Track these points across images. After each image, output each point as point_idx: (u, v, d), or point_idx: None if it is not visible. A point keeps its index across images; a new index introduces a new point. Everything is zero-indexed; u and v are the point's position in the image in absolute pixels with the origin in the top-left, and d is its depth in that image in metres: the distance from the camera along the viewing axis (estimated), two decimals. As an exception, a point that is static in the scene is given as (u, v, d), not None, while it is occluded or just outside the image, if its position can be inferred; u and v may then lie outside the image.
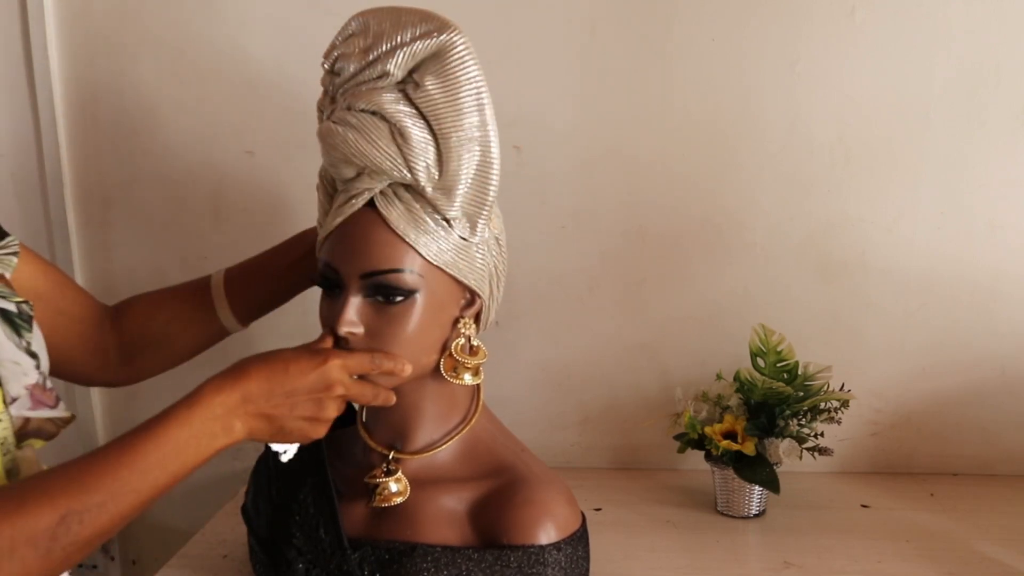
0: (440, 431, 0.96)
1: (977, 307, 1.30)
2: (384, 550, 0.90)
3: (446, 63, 0.83)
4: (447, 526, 0.91)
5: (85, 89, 1.38)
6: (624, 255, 1.33)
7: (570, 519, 0.90)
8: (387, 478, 0.93)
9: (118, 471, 0.68)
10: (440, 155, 0.85)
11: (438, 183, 0.86)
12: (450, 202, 0.86)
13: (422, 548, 0.89)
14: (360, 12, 0.87)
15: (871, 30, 1.24)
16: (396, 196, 0.87)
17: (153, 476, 0.70)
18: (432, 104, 0.83)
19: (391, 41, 0.84)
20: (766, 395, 1.19)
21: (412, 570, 0.88)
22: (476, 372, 0.93)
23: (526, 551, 0.87)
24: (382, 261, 0.86)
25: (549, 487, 0.91)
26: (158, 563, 1.12)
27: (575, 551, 0.90)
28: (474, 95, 0.84)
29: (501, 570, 0.87)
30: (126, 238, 1.41)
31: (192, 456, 0.74)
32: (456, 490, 0.93)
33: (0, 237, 0.87)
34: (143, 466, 0.70)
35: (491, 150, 0.86)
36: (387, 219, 0.86)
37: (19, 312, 0.78)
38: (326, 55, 0.89)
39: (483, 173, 0.87)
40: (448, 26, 0.82)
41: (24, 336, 0.77)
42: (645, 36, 1.27)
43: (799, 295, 1.32)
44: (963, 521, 1.18)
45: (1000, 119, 1.25)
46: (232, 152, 1.36)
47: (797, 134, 1.28)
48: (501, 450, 0.96)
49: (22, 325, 0.77)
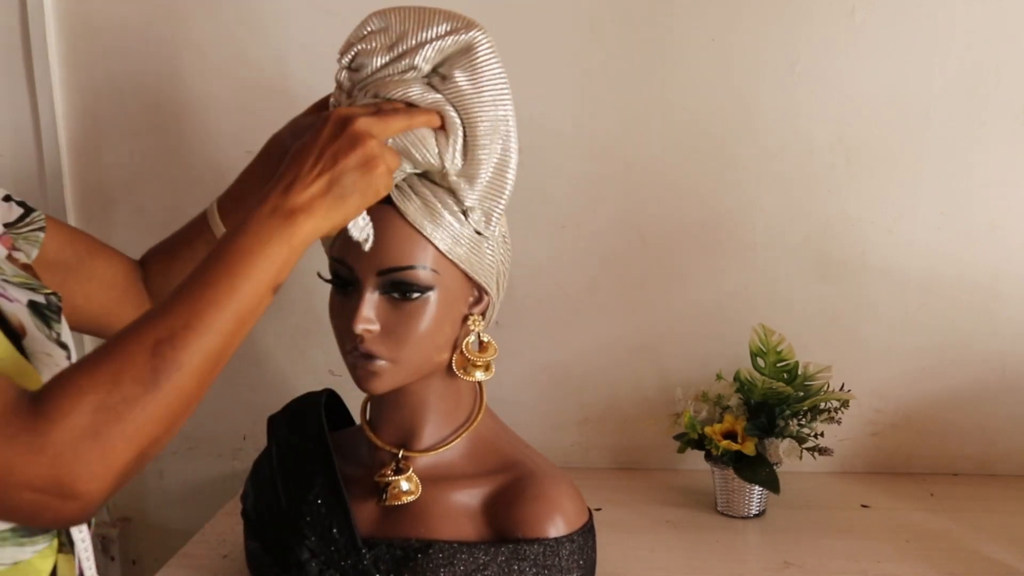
0: (448, 428, 0.96)
1: (977, 307, 1.30)
2: (399, 548, 0.90)
3: (474, 58, 0.86)
4: (460, 522, 0.92)
5: (85, 89, 1.38)
6: (624, 255, 1.33)
7: (580, 512, 0.93)
8: (398, 477, 0.93)
9: (191, 291, 0.68)
10: (466, 142, 0.87)
11: (462, 170, 0.87)
12: (471, 190, 0.88)
13: (438, 544, 0.90)
14: (377, 11, 0.89)
15: (871, 30, 1.24)
16: (412, 190, 0.87)
17: (225, 288, 0.69)
18: (460, 94, 0.86)
19: (416, 37, 0.86)
20: (766, 395, 1.19)
21: (429, 567, 0.88)
22: (487, 368, 0.94)
23: (541, 544, 0.89)
24: (400, 257, 0.86)
25: (558, 481, 0.93)
26: (158, 563, 1.12)
27: (585, 542, 0.92)
28: (500, 89, 0.87)
29: (517, 563, 0.89)
30: (126, 238, 1.41)
31: (261, 264, 0.71)
32: (467, 486, 0.94)
33: (26, 213, 0.87)
34: (213, 281, 0.69)
35: (512, 144, 0.89)
36: (404, 213, 0.86)
37: (48, 303, 0.77)
38: (343, 52, 0.90)
39: (503, 165, 0.89)
40: (474, 24, 0.86)
41: (54, 327, 0.76)
42: (645, 36, 1.27)
43: (799, 295, 1.32)
44: (963, 521, 1.18)
45: (1000, 119, 1.25)
46: (232, 152, 1.36)
47: (797, 134, 1.28)
48: (506, 446, 0.98)
49: (51, 316, 0.76)
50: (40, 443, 0.59)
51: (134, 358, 0.64)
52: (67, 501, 0.61)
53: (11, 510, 0.61)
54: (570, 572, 0.90)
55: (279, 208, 0.72)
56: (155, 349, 0.64)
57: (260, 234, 0.71)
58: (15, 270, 0.78)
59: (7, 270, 0.77)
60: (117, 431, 0.62)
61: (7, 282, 0.75)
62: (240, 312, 0.69)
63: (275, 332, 1.40)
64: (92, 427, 0.61)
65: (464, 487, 0.94)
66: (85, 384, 0.62)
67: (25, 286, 0.76)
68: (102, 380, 0.62)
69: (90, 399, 0.61)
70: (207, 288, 0.68)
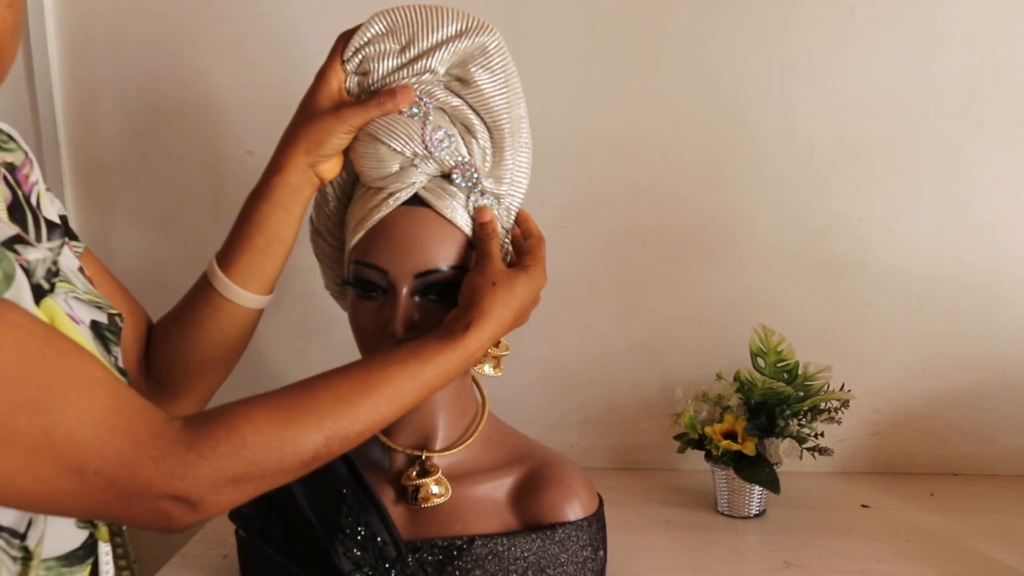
0: (462, 426, 0.98)
1: (977, 307, 1.30)
2: (440, 548, 0.92)
3: (490, 59, 0.87)
4: (489, 515, 0.94)
5: (85, 89, 1.38)
6: (624, 255, 1.33)
7: (592, 493, 0.98)
8: (425, 479, 0.93)
9: (377, 402, 0.72)
10: (494, 144, 0.89)
11: (491, 172, 0.89)
12: (499, 188, 0.89)
13: (480, 539, 0.92)
14: (380, 12, 0.87)
15: (871, 30, 1.24)
16: (441, 188, 0.87)
17: (405, 405, 0.75)
18: (483, 96, 0.87)
19: (429, 39, 0.86)
20: (766, 395, 1.19)
21: (475, 562, 0.91)
22: (497, 364, 0.94)
23: (573, 525, 0.94)
24: (440, 258, 0.86)
25: (572, 466, 0.98)
26: (158, 563, 1.12)
27: (600, 522, 0.98)
28: (516, 87, 0.89)
29: (552, 547, 0.92)
30: (127, 238, 1.41)
31: (442, 384, 0.79)
32: (489, 479, 0.96)
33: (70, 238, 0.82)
34: (399, 397, 0.74)
35: (527, 141, 0.91)
36: (441, 211, 0.86)
37: (110, 324, 0.75)
38: (348, 57, 0.88)
39: (521, 163, 0.91)
40: (485, 23, 0.87)
41: (112, 351, 0.74)
42: (645, 36, 1.27)
43: (799, 295, 1.32)
44: (963, 521, 1.18)
45: (1000, 119, 1.25)
46: (232, 152, 1.36)
47: (797, 134, 1.28)
48: (514, 438, 1.01)
49: (111, 339, 0.74)
50: (184, 472, 0.61)
51: (307, 438, 0.67)
52: (185, 515, 0.63)
53: (134, 517, 0.63)
54: (598, 548, 0.96)
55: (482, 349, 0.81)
56: (327, 442, 0.68)
57: (453, 368, 0.79)
58: (87, 286, 0.76)
59: (79, 285, 0.74)
60: (257, 485, 0.65)
61: (78, 299, 0.73)
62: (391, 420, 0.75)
63: (275, 333, 1.40)
64: (238, 477, 0.64)
65: (487, 481, 0.96)
66: (252, 439, 0.64)
67: (92, 303, 0.74)
68: (267, 442, 0.65)
69: (248, 455, 0.64)
70: (392, 403, 0.73)
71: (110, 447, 0.59)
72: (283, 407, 0.67)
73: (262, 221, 0.88)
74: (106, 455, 0.59)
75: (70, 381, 0.59)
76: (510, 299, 0.83)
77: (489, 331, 0.81)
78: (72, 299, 0.71)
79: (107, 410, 0.59)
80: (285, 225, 0.89)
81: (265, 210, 0.89)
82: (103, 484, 0.59)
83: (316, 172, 0.89)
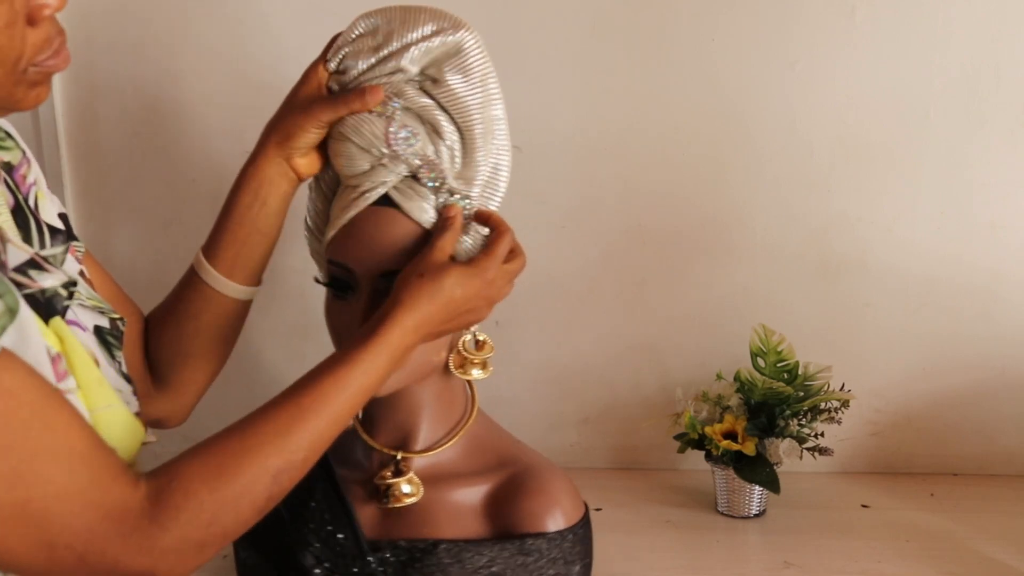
0: (444, 428, 0.96)
1: (977, 307, 1.30)
2: (404, 549, 0.91)
3: (465, 59, 0.86)
4: (462, 520, 0.92)
5: (85, 89, 1.38)
6: (624, 255, 1.33)
7: (577, 504, 0.94)
8: (398, 479, 0.92)
9: (316, 425, 0.71)
10: (464, 145, 0.87)
11: (460, 173, 0.87)
12: (469, 191, 0.88)
13: (445, 544, 0.90)
14: (366, 13, 0.88)
15: (871, 30, 1.24)
16: (411, 189, 0.87)
17: (343, 417, 0.74)
18: (455, 97, 0.86)
19: (403, 38, 0.85)
20: (766, 395, 1.19)
21: (436, 566, 0.89)
22: (484, 367, 0.93)
23: (545, 538, 0.90)
24: (405, 259, 0.85)
25: (556, 476, 0.94)
26: (158, 563, 1.11)
27: (586, 534, 0.94)
28: (492, 89, 0.87)
29: (522, 558, 0.89)
30: (126, 239, 1.41)
31: (375, 385, 0.77)
32: (466, 484, 0.94)
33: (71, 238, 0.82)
34: (334, 412, 0.73)
35: (505, 144, 0.89)
36: (408, 211, 0.85)
37: (111, 328, 0.75)
38: (331, 56, 0.89)
39: (498, 166, 0.89)
40: (462, 24, 0.85)
41: (116, 355, 0.74)
42: (645, 36, 1.27)
43: (799, 295, 1.32)
44: (963, 521, 1.18)
45: (1000, 119, 1.25)
46: (232, 152, 1.36)
47: (797, 134, 1.28)
48: (500, 443, 0.98)
49: (114, 344, 0.74)
50: (149, 546, 0.62)
51: (256, 484, 0.67)
52: None
53: None
54: (574, 564, 0.92)
55: (410, 341, 0.78)
56: (276, 478, 0.68)
57: (380, 366, 0.76)
58: (89, 291, 0.76)
59: (83, 292, 0.74)
60: (219, 544, 0.66)
61: (82, 306, 0.72)
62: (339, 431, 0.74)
63: (270, 332, 1.40)
64: (201, 541, 0.65)
65: (463, 485, 0.93)
66: (207, 500, 0.65)
67: (95, 308, 0.74)
68: (223, 500, 0.65)
69: (206, 518, 0.64)
70: (330, 422, 0.72)
71: (82, 522, 0.60)
72: (228, 454, 0.67)
73: (242, 212, 0.89)
74: (78, 530, 0.60)
75: (53, 456, 0.59)
76: (434, 291, 0.80)
77: (411, 322, 0.78)
78: (76, 305, 0.71)
79: (83, 484, 0.60)
80: (264, 217, 0.90)
81: (245, 200, 0.89)
82: (72, 559, 0.60)
83: (292, 166, 0.89)
